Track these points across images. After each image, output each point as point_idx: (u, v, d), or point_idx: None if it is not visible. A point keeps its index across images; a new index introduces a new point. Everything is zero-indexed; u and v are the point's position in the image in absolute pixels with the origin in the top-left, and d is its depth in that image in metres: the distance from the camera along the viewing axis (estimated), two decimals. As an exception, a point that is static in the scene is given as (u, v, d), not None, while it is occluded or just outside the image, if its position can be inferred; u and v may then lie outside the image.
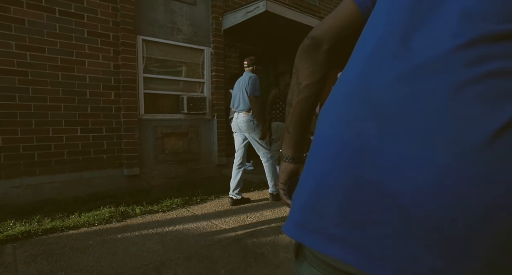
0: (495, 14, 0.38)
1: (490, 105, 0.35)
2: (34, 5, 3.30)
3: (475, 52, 0.37)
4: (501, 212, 0.33)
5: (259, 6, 4.13)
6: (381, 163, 0.38)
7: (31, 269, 1.92)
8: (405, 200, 0.36)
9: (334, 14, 0.61)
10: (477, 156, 0.33)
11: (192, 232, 2.57)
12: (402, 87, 0.39)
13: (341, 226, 0.40)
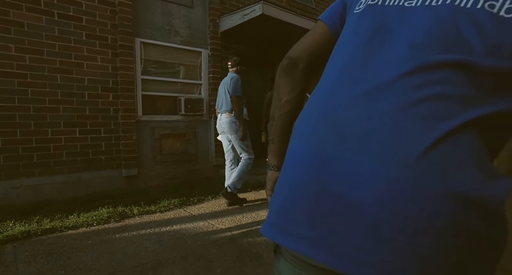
0: (436, 46, 0.44)
1: (425, 125, 0.41)
2: (33, 9, 3.34)
3: (418, 78, 0.43)
4: (431, 214, 0.39)
5: (256, 9, 4.19)
6: (340, 174, 0.44)
7: (32, 268, 1.98)
8: (360, 205, 0.42)
9: (308, 35, 0.67)
10: (412, 168, 0.40)
11: (189, 232, 2.63)
12: (358, 107, 0.46)
13: (307, 227, 0.46)
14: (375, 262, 0.40)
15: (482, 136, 0.42)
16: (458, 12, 0.45)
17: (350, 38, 0.55)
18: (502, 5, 0.43)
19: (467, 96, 0.42)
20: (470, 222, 0.40)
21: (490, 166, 0.42)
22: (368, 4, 0.55)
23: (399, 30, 0.48)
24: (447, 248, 0.39)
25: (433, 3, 0.47)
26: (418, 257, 0.39)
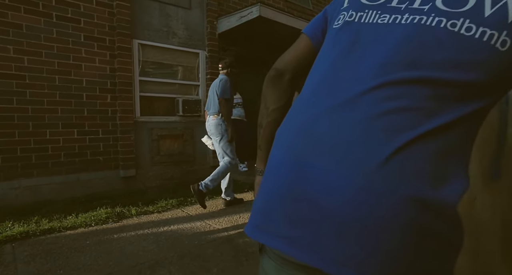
0: (402, 62, 0.48)
1: (387, 136, 0.45)
2: (31, 11, 3.37)
3: (384, 92, 0.47)
4: (392, 214, 0.43)
5: (253, 11, 4.23)
6: (314, 180, 0.48)
7: (31, 268, 2.01)
8: (331, 208, 0.46)
9: (293, 48, 0.72)
10: (374, 175, 0.44)
11: (186, 232, 2.66)
12: (331, 119, 0.50)
13: (286, 227, 0.50)
14: (343, 258, 0.45)
15: (441, 143, 0.46)
16: (424, 30, 0.49)
17: (328, 52, 0.59)
18: (462, 24, 0.47)
19: (427, 108, 0.46)
20: (427, 222, 0.44)
21: (445, 171, 0.46)
22: (346, 21, 0.59)
23: (372, 47, 0.52)
24: (407, 246, 0.43)
25: (402, 22, 0.51)
26: (382, 253, 0.43)
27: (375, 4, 0.56)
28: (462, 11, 0.48)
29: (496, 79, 0.47)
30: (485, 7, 0.47)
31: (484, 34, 0.46)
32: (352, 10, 0.59)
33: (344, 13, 0.60)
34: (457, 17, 0.48)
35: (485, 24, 0.46)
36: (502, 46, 0.46)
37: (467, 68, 0.46)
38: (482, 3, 0.47)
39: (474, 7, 0.48)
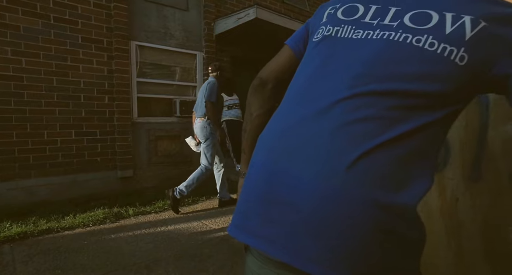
0: (371, 75, 0.53)
1: (353, 143, 0.49)
2: (29, 12, 3.38)
3: (355, 103, 0.51)
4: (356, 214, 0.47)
5: (250, 13, 4.27)
6: (287, 184, 0.52)
7: (29, 267, 2.03)
8: (304, 209, 0.50)
9: (276, 58, 0.76)
10: (340, 180, 0.48)
11: (183, 232, 2.69)
12: (306, 127, 0.54)
13: (263, 227, 0.54)
14: (315, 256, 0.48)
15: (403, 149, 0.50)
16: (392, 45, 0.53)
17: (308, 64, 0.63)
18: (426, 40, 0.51)
19: (392, 117, 0.50)
20: (389, 222, 0.48)
21: (407, 175, 0.50)
22: (324, 35, 0.63)
23: (346, 60, 0.56)
24: (371, 244, 0.47)
25: (374, 37, 0.55)
26: (349, 251, 0.47)
27: (350, 19, 0.60)
28: (426, 28, 0.52)
29: (457, 90, 0.51)
30: (446, 25, 0.51)
31: (445, 49, 0.50)
32: (329, 25, 0.63)
33: (322, 28, 0.64)
34: (421, 33, 0.52)
35: (446, 40, 0.50)
36: (460, 61, 0.50)
37: (431, 81, 0.50)
38: (443, 21, 0.52)
39: (437, 25, 0.52)
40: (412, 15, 0.54)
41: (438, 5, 0.53)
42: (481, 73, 0.51)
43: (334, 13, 0.63)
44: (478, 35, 0.50)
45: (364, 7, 0.60)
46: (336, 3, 0.66)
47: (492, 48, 0.50)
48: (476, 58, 0.50)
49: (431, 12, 0.53)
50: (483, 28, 0.50)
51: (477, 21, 0.50)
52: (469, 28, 0.50)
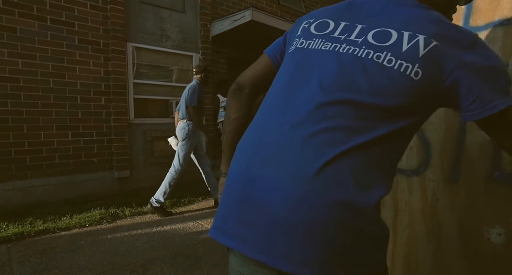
0: (337, 87, 0.57)
1: (320, 151, 0.54)
2: (25, 14, 3.40)
3: (321, 113, 0.56)
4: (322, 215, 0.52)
5: (245, 15, 4.31)
6: (261, 188, 0.57)
7: (26, 267, 2.06)
8: (276, 212, 0.54)
9: (254, 65, 0.81)
10: (309, 184, 0.53)
11: (178, 232, 2.73)
12: (278, 135, 0.58)
13: (238, 228, 0.59)
14: (287, 254, 0.53)
15: (365, 157, 0.54)
16: (355, 60, 0.58)
17: (283, 74, 0.68)
18: (385, 56, 0.56)
19: (355, 127, 0.55)
20: (352, 220, 0.53)
21: (369, 180, 0.54)
22: (297, 47, 0.67)
23: (314, 71, 0.61)
24: (338, 240, 0.52)
25: (340, 50, 0.60)
26: (318, 248, 0.52)
27: (322, 34, 0.65)
28: (386, 45, 0.57)
29: (413, 104, 0.56)
30: (403, 43, 0.56)
31: (401, 65, 0.55)
32: (303, 38, 0.67)
33: (297, 40, 0.69)
34: (381, 50, 0.57)
35: (402, 57, 0.55)
36: (415, 76, 0.55)
37: (388, 94, 0.55)
38: (401, 40, 0.56)
39: (395, 42, 0.57)
40: (375, 32, 0.59)
41: (398, 24, 0.58)
42: (434, 88, 0.56)
43: (308, 28, 0.68)
44: (430, 52, 0.54)
45: (335, 23, 0.65)
46: (311, 17, 0.71)
47: (442, 64, 0.54)
48: (429, 74, 0.55)
49: (392, 30, 0.58)
50: (435, 47, 0.55)
51: (430, 40, 0.55)
52: (422, 46, 0.55)
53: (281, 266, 0.53)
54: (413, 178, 1.09)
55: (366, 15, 0.63)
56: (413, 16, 0.59)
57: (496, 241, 0.90)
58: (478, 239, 0.93)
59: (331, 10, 0.69)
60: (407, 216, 1.10)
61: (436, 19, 0.58)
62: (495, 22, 0.98)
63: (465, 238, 0.95)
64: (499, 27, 0.97)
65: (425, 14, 0.60)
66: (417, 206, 1.07)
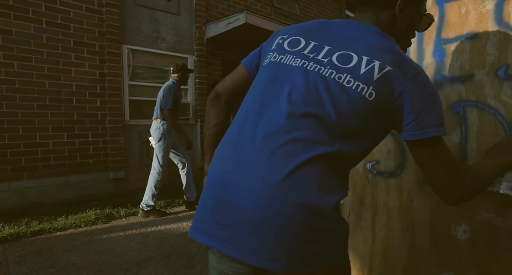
0: (303, 101, 0.64)
1: (286, 160, 0.60)
2: (21, 17, 3.44)
3: (289, 125, 0.63)
4: (287, 217, 0.59)
5: (240, 18, 4.37)
6: (234, 193, 0.63)
7: (22, 267, 2.11)
8: (247, 214, 0.61)
9: (231, 75, 0.87)
10: (277, 189, 0.59)
11: (173, 232, 2.79)
12: (250, 145, 0.65)
13: (215, 229, 0.65)
14: (257, 251, 0.60)
15: (325, 166, 0.61)
16: (320, 78, 0.64)
17: (257, 85, 0.74)
18: (345, 77, 0.63)
19: (318, 139, 0.61)
20: (314, 221, 0.60)
21: (328, 185, 0.61)
22: (271, 61, 0.73)
23: (285, 85, 0.67)
24: (302, 238, 0.59)
25: (308, 68, 0.66)
26: (285, 245, 0.59)
27: (293, 50, 0.71)
28: (347, 67, 0.64)
29: (367, 123, 0.64)
30: (361, 67, 0.63)
31: (358, 86, 0.62)
32: (276, 52, 0.74)
33: (271, 54, 0.75)
34: (343, 71, 0.64)
35: (359, 79, 0.62)
36: (369, 97, 0.62)
37: (346, 112, 0.62)
38: (360, 63, 0.64)
39: (355, 65, 0.64)
40: (339, 54, 0.66)
41: (359, 49, 0.66)
42: (385, 108, 0.63)
43: (282, 43, 0.75)
44: (382, 77, 0.62)
45: (305, 41, 0.71)
46: (285, 33, 0.77)
47: (392, 88, 0.62)
48: (381, 95, 0.62)
49: (353, 54, 0.65)
50: (387, 72, 0.62)
51: (384, 66, 0.62)
52: (377, 71, 0.62)
53: (253, 261, 0.60)
54: (390, 180, 1.16)
55: (333, 38, 0.70)
56: (373, 44, 0.67)
57: (462, 238, 0.97)
58: (446, 237, 1.00)
59: (304, 28, 0.76)
60: (384, 216, 1.17)
61: (391, 49, 0.66)
62: (464, 35, 1.06)
63: (435, 236, 1.03)
64: (467, 40, 1.04)
65: (383, 43, 0.68)
66: (393, 206, 1.15)
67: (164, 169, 3.34)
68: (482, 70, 1.01)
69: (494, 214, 0.92)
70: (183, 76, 3.39)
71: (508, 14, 0.97)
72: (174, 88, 3.26)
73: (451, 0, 1.11)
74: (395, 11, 0.73)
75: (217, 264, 0.70)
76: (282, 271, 0.61)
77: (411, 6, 0.74)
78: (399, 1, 0.72)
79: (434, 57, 1.13)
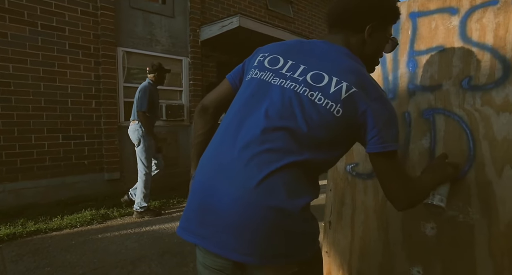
0: (278, 116, 0.72)
1: (260, 168, 0.69)
2: (16, 20, 3.48)
3: (264, 137, 0.71)
4: (260, 218, 0.67)
5: (233, 21, 4.45)
6: (215, 196, 0.71)
7: (19, 266, 2.16)
8: (227, 215, 0.69)
9: (217, 89, 0.96)
10: (251, 193, 0.68)
11: (167, 231, 2.86)
12: (230, 154, 0.73)
13: (198, 228, 0.73)
14: (235, 247, 0.68)
15: (295, 172, 0.69)
16: (295, 95, 0.73)
17: (239, 99, 0.82)
18: (317, 95, 0.72)
19: (289, 149, 0.70)
20: (283, 221, 0.68)
21: (297, 189, 0.70)
22: (252, 77, 0.81)
23: (263, 100, 0.75)
24: (272, 237, 0.68)
25: (285, 85, 0.75)
26: (259, 242, 0.67)
27: (273, 68, 0.80)
28: (319, 86, 0.73)
29: (335, 136, 0.72)
30: (331, 86, 0.72)
31: (327, 104, 0.71)
32: (257, 69, 0.82)
33: (252, 70, 0.83)
34: (315, 90, 0.72)
35: (329, 97, 0.71)
36: (337, 113, 0.71)
37: (316, 126, 0.71)
38: (330, 83, 0.72)
39: (326, 85, 0.72)
40: (313, 74, 0.75)
41: (330, 70, 0.74)
42: (351, 123, 0.72)
43: (263, 61, 0.83)
44: (349, 97, 0.71)
45: (284, 60, 0.80)
46: (266, 51, 0.86)
47: (357, 106, 0.71)
48: (347, 112, 0.71)
49: (325, 74, 0.74)
50: (353, 93, 0.71)
51: (350, 87, 0.71)
52: (344, 91, 0.71)
53: (232, 257, 0.69)
54: (368, 181, 1.25)
55: (309, 57, 0.79)
56: (343, 65, 0.76)
57: (430, 234, 1.07)
58: (416, 233, 1.09)
59: (283, 47, 0.84)
60: (362, 214, 1.26)
61: (358, 71, 0.76)
62: (433, 48, 1.15)
63: (406, 233, 1.12)
64: (436, 53, 1.14)
65: (352, 65, 0.77)
66: (370, 205, 1.23)
67: (150, 169, 3.37)
68: (448, 80, 1.10)
69: (457, 212, 1.01)
70: (159, 76, 3.35)
71: (471, 30, 1.07)
72: (150, 88, 3.23)
73: (423, 15, 1.20)
74: (364, 35, 0.82)
75: (203, 259, 0.78)
76: (257, 265, 0.70)
77: (378, 31, 0.84)
78: (368, 26, 0.81)
79: (407, 68, 1.22)
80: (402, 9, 1.27)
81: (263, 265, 0.70)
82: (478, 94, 1.03)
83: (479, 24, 1.06)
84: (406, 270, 1.11)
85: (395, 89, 1.25)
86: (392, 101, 1.22)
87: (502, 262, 0.92)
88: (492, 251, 0.94)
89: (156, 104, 3.39)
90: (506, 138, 0.96)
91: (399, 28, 1.26)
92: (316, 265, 0.80)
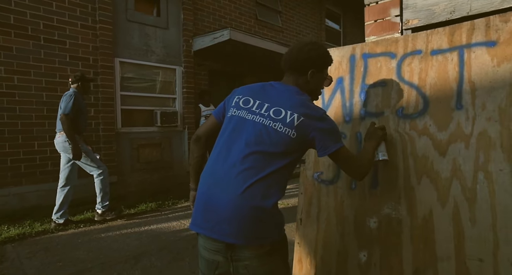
0: (254, 143, 1.04)
1: (244, 180, 1.01)
2: (21, 34, 3.71)
3: (245, 159, 1.03)
4: (245, 213, 1.00)
5: (224, 34, 4.76)
6: (215, 200, 1.03)
7: (34, 261, 2.43)
8: (223, 213, 1.00)
9: (206, 123, 1.29)
10: (239, 197, 1.00)
11: (164, 230, 3.15)
12: (223, 171, 1.05)
13: (203, 222, 1.05)
14: (229, 233, 0.99)
15: (268, 181, 1.01)
16: (263, 127, 1.05)
17: (224, 131, 1.14)
18: (277, 125, 1.04)
19: (263, 165, 1.02)
20: (260, 214, 1.00)
21: (269, 193, 1.01)
22: (232, 114, 1.14)
23: (242, 133, 1.08)
24: (253, 226, 0.99)
25: (255, 120, 1.07)
26: (245, 230, 0.99)
27: (246, 107, 1.12)
28: (279, 118, 1.06)
29: (293, 149, 1.06)
30: (287, 118, 1.05)
31: (286, 130, 1.04)
32: (235, 108, 1.15)
33: (232, 109, 1.16)
34: (276, 121, 1.05)
35: (286, 126, 1.04)
36: (293, 136, 1.04)
37: (279, 145, 1.04)
38: (286, 115, 1.05)
39: (283, 117, 1.05)
40: (274, 110, 1.08)
41: (285, 105, 1.07)
42: (304, 140, 1.06)
43: (238, 101, 1.16)
44: (300, 124, 1.04)
45: (253, 100, 1.13)
46: (240, 94, 1.18)
47: (306, 129, 1.04)
48: (300, 134, 1.04)
49: (282, 109, 1.07)
50: (302, 120, 1.04)
51: (300, 117, 1.05)
52: (296, 120, 1.04)
53: (226, 239, 1.01)
54: (329, 186, 1.58)
55: (270, 97, 1.12)
56: (294, 101, 1.09)
57: (373, 227, 1.40)
58: (363, 226, 1.43)
59: (252, 90, 1.18)
60: (326, 212, 1.59)
61: (305, 104, 1.09)
62: (379, 83, 1.49)
63: (357, 226, 1.45)
64: (380, 87, 1.48)
65: (300, 100, 1.10)
66: (331, 205, 1.56)
67: (103, 167, 3.42)
68: (388, 109, 1.44)
69: (391, 210, 1.35)
70: (83, 86, 3.36)
71: (404, 71, 1.41)
72: (76, 96, 3.17)
73: (372, 56, 1.54)
74: (307, 77, 1.17)
75: (204, 243, 1.10)
76: (242, 245, 1.02)
77: (318, 73, 1.19)
78: (310, 71, 1.17)
79: (360, 97, 1.55)
80: (357, 50, 1.61)
81: (247, 245, 1.01)
82: (408, 121, 1.37)
83: (409, 67, 1.40)
84: (356, 254, 1.44)
85: (351, 114, 1.58)
86: (348, 123, 1.57)
87: (418, 245, 1.26)
88: (413, 238, 1.28)
89: (84, 113, 3.33)
90: (424, 155, 1.30)
91: (355, 65, 1.60)
92: (283, 245, 1.13)
